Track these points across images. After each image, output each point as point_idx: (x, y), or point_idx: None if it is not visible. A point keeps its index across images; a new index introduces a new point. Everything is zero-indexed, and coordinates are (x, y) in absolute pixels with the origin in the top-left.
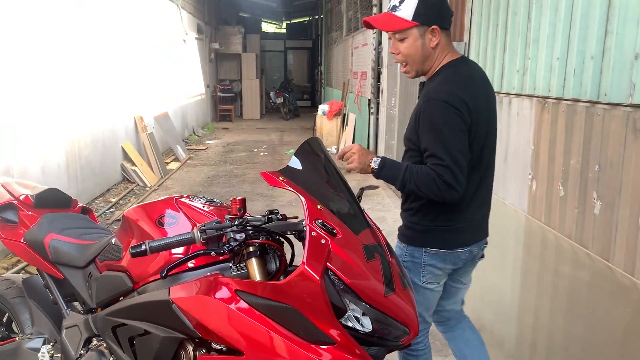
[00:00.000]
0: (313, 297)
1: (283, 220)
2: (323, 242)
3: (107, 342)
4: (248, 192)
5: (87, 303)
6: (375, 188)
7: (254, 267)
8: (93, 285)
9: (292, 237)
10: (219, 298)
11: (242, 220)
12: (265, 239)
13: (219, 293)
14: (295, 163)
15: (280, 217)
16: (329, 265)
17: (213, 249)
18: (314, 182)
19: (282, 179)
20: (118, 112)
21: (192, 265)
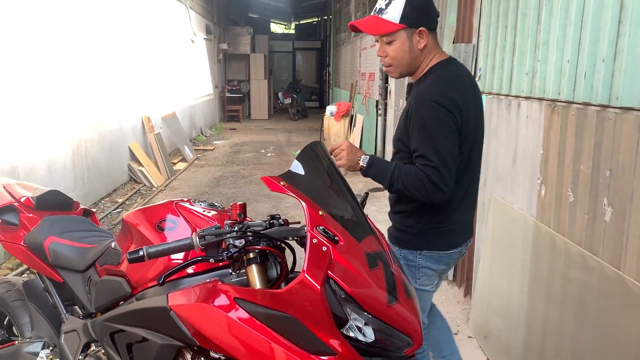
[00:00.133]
0: (313, 306)
1: (285, 226)
2: (324, 249)
3: (105, 348)
4: (254, 193)
5: (86, 307)
6: (383, 190)
7: (254, 274)
8: (92, 290)
9: (294, 242)
10: (218, 306)
11: (242, 226)
12: (266, 245)
13: (218, 301)
14: (298, 167)
15: (282, 222)
16: (330, 274)
17: (212, 256)
18: (316, 187)
19: (283, 184)
20: (125, 112)
21: (191, 271)
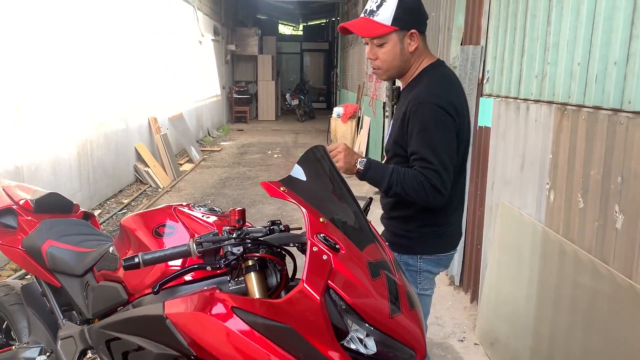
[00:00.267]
0: (312, 317)
1: (285, 232)
2: (325, 258)
3: (100, 356)
4: (260, 195)
5: (83, 313)
6: None
7: (253, 282)
8: (90, 295)
9: (295, 249)
10: (215, 315)
11: (240, 233)
12: (265, 253)
13: (215, 310)
14: (298, 172)
15: (283, 228)
16: (330, 284)
17: (209, 264)
18: (318, 192)
19: (283, 190)
20: (132, 112)
21: (189, 278)
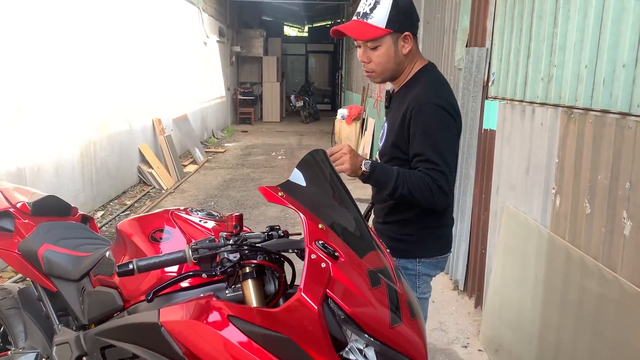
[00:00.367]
0: (310, 327)
1: (284, 238)
2: (323, 266)
3: None
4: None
5: (79, 319)
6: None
7: (250, 289)
8: (86, 300)
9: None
10: (211, 324)
11: (237, 239)
12: (262, 260)
13: (211, 318)
14: (297, 177)
15: (282, 233)
16: (329, 292)
17: (205, 271)
18: (317, 198)
19: (281, 195)
20: (136, 114)
21: (186, 284)
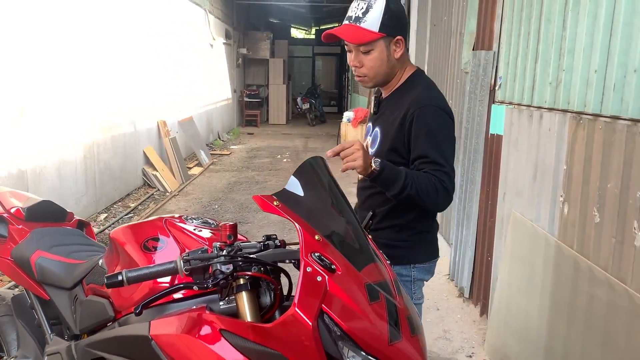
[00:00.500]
0: (304, 343)
1: (281, 247)
2: (319, 279)
3: None
4: None
5: (71, 328)
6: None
7: (244, 302)
8: (78, 310)
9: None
10: (202, 338)
11: (231, 249)
12: (257, 271)
13: (202, 332)
14: (294, 185)
15: (279, 243)
16: (325, 308)
17: (197, 282)
18: (315, 207)
19: (276, 204)
20: (140, 116)
21: (180, 296)
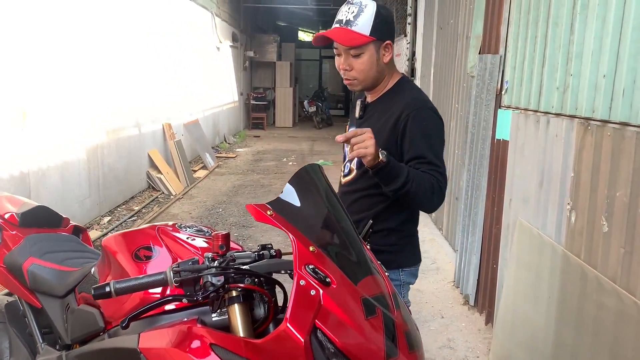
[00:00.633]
0: None
1: (276, 257)
2: (313, 293)
3: None
4: None
5: (62, 338)
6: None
7: (236, 315)
8: (69, 319)
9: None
10: (191, 352)
11: (222, 261)
12: (250, 283)
13: (192, 346)
14: (289, 194)
15: (274, 252)
16: (318, 323)
17: (185, 295)
18: (310, 217)
19: (270, 214)
20: (146, 118)
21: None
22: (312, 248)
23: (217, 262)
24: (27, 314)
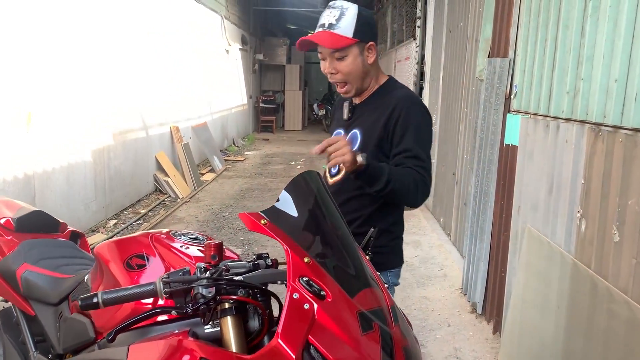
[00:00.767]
0: None
1: (272, 267)
2: (306, 307)
3: None
4: None
5: (54, 347)
6: (412, 209)
7: (229, 327)
8: (62, 327)
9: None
10: None
11: (214, 271)
12: (243, 295)
13: None
14: (285, 202)
15: (270, 262)
16: (311, 339)
17: (175, 307)
18: (307, 226)
19: (264, 223)
20: (153, 121)
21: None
22: (307, 259)
23: (208, 272)
24: (20, 322)
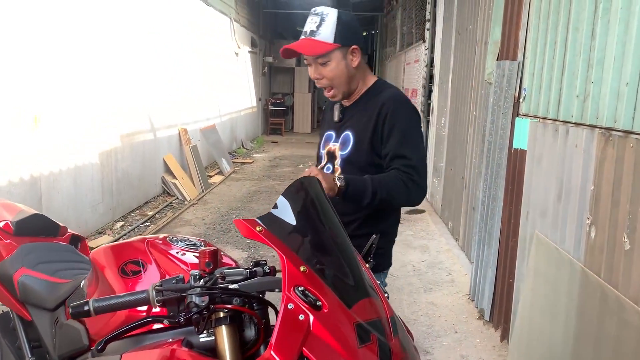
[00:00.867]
0: None
1: (270, 275)
2: (301, 318)
3: None
4: None
5: (50, 353)
6: (420, 212)
7: (223, 337)
8: (58, 333)
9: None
10: None
11: (208, 279)
12: (238, 304)
13: None
14: (283, 208)
15: (268, 269)
16: (305, 351)
17: (167, 316)
18: (304, 234)
19: (259, 230)
20: (161, 123)
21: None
22: (303, 268)
23: (203, 280)
24: (17, 327)
